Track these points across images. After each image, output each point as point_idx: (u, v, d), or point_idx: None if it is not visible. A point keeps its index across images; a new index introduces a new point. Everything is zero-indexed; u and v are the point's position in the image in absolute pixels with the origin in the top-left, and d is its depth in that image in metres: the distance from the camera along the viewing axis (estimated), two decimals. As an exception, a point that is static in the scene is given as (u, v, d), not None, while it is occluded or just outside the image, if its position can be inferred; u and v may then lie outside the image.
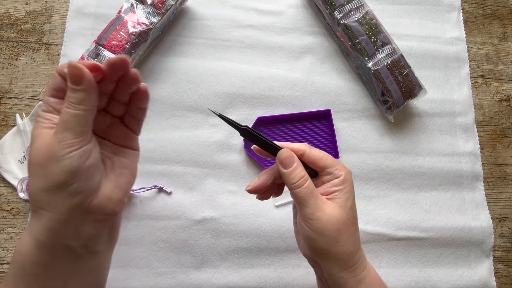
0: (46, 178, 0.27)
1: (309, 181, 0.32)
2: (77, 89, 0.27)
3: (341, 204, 0.32)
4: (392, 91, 0.51)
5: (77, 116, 0.27)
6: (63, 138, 0.27)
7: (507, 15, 0.63)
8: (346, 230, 0.32)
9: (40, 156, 0.27)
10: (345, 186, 0.33)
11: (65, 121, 0.27)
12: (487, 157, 0.57)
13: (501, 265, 0.53)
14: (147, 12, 0.49)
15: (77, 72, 0.26)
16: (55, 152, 0.26)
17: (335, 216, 0.32)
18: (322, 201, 0.32)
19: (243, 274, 0.48)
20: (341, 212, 0.32)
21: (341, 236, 0.32)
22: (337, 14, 0.52)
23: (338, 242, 0.32)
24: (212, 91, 0.53)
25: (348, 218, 0.32)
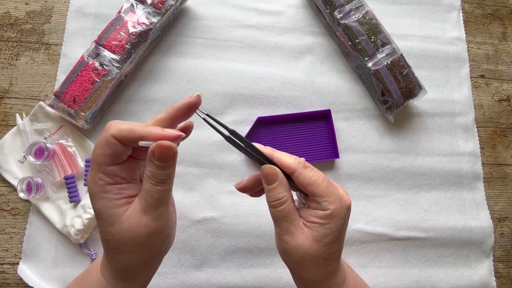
0: (147, 252, 0.28)
1: (286, 204, 0.30)
2: (167, 166, 0.26)
3: (317, 238, 0.29)
4: (392, 91, 0.51)
5: (167, 191, 0.27)
6: (160, 215, 0.27)
7: (507, 15, 0.63)
8: (313, 262, 0.30)
9: (137, 238, 0.27)
10: (329, 222, 0.29)
11: (158, 199, 0.27)
12: (487, 157, 0.57)
13: (501, 265, 0.53)
14: (147, 12, 0.49)
15: (168, 152, 0.26)
16: (155, 229, 0.27)
17: (303, 246, 0.29)
18: (295, 227, 0.30)
19: (243, 274, 0.48)
20: (313, 245, 0.29)
21: (306, 264, 0.30)
22: (337, 14, 0.52)
23: (302, 268, 0.30)
24: (212, 91, 0.53)
25: (319, 253, 0.29)
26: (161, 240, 0.29)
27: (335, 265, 0.31)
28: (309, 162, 0.51)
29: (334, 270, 0.32)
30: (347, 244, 0.50)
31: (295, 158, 0.31)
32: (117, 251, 0.28)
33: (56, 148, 0.48)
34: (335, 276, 0.32)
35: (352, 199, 0.52)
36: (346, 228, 0.31)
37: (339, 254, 0.31)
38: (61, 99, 0.46)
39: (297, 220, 0.30)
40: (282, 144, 0.52)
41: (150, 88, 0.52)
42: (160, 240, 0.28)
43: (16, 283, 0.46)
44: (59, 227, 0.46)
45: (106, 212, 0.27)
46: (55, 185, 0.48)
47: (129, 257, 0.28)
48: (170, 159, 0.26)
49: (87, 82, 0.46)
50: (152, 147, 0.26)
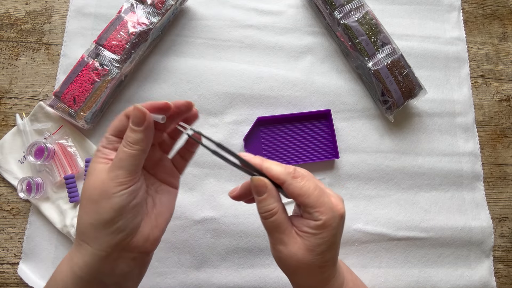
0: (96, 213, 0.28)
1: (276, 216, 0.30)
2: (137, 130, 0.28)
3: (309, 247, 0.29)
4: (392, 91, 0.51)
5: (132, 156, 0.28)
6: (116, 176, 0.28)
7: (507, 15, 0.63)
8: (307, 270, 0.30)
9: (93, 192, 0.28)
10: (321, 232, 0.29)
11: (120, 159, 0.28)
12: (487, 157, 0.57)
13: (501, 265, 0.53)
14: (147, 12, 0.49)
15: (139, 115, 0.28)
16: (108, 189, 0.28)
17: (296, 255, 0.29)
18: (288, 236, 0.29)
19: (243, 274, 0.48)
20: (306, 254, 0.29)
21: (300, 273, 0.30)
22: (337, 14, 0.52)
23: (297, 276, 0.31)
24: (212, 91, 0.53)
25: (312, 261, 0.29)
26: (111, 207, 0.28)
27: (330, 272, 0.31)
28: (309, 162, 0.51)
29: (330, 276, 0.32)
30: (347, 244, 0.50)
31: (285, 168, 0.30)
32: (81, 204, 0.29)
33: (56, 148, 0.48)
34: (332, 281, 0.32)
35: (352, 199, 0.52)
36: (340, 236, 0.31)
37: (334, 262, 0.31)
38: (61, 99, 0.46)
39: (289, 230, 0.30)
40: (282, 144, 0.52)
41: (150, 88, 0.52)
42: (109, 206, 0.28)
43: (16, 283, 0.46)
44: (59, 227, 0.46)
45: (90, 166, 0.30)
46: (55, 185, 0.48)
47: (82, 214, 0.29)
48: (140, 123, 0.28)
49: (87, 82, 0.46)
50: (129, 109, 0.29)
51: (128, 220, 0.29)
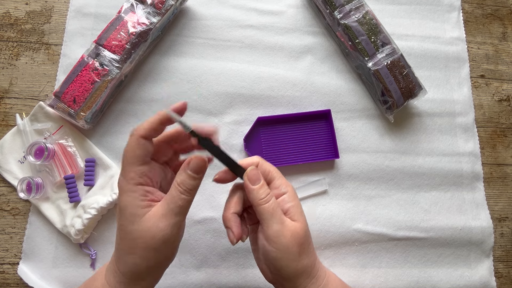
0: (157, 257, 0.29)
1: (273, 199, 0.32)
2: (197, 178, 0.30)
3: (298, 218, 0.33)
4: (392, 91, 0.51)
5: (189, 202, 0.30)
6: (176, 223, 0.29)
7: (507, 15, 0.63)
8: (306, 243, 0.33)
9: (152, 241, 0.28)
10: (295, 200, 0.33)
11: (180, 207, 0.29)
12: (487, 157, 0.57)
13: (501, 265, 0.53)
14: (147, 12, 0.49)
15: (201, 163, 0.30)
16: (169, 238, 0.29)
17: (297, 231, 0.32)
18: (285, 218, 0.32)
19: (243, 274, 0.48)
20: (301, 226, 0.32)
21: (303, 249, 0.33)
22: (337, 14, 0.52)
23: (301, 256, 0.33)
24: (212, 91, 0.53)
25: (306, 230, 0.33)
26: (172, 248, 0.31)
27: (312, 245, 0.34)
28: (309, 162, 0.51)
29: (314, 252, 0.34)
30: (347, 244, 0.50)
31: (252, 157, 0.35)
32: (130, 251, 0.29)
33: (56, 148, 0.48)
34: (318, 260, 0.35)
35: (352, 199, 0.52)
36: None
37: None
38: (61, 99, 0.46)
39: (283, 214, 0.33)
40: (282, 144, 0.52)
41: (150, 88, 0.52)
42: (171, 248, 0.30)
43: (16, 283, 0.46)
44: (59, 227, 0.46)
45: (130, 209, 0.28)
46: (55, 185, 0.48)
47: (139, 261, 0.29)
48: (202, 170, 0.30)
49: (87, 82, 0.46)
50: (190, 158, 0.30)
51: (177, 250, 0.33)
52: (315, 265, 0.34)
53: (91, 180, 0.48)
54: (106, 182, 0.48)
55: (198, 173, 0.30)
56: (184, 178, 0.29)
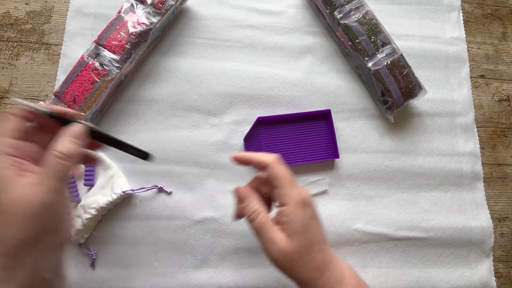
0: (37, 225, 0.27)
1: (262, 215, 0.34)
2: (76, 143, 0.29)
3: (291, 236, 0.32)
4: (392, 91, 0.51)
5: (68, 168, 0.28)
6: (55, 188, 0.27)
7: (507, 15, 0.63)
8: (300, 260, 0.32)
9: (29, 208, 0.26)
10: (292, 218, 0.33)
11: (57, 172, 0.28)
12: (487, 157, 0.57)
13: (501, 265, 0.53)
14: (147, 12, 0.49)
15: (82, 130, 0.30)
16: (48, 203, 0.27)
17: (285, 248, 0.32)
18: (274, 233, 0.33)
19: (243, 274, 0.48)
20: (292, 243, 0.32)
21: (295, 266, 0.32)
22: (337, 14, 0.52)
23: (294, 271, 0.33)
24: (212, 91, 0.53)
25: (300, 247, 0.32)
26: (54, 218, 0.28)
27: (321, 258, 0.33)
28: (309, 162, 0.51)
29: (321, 267, 0.33)
30: (347, 244, 0.50)
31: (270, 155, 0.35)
32: (5, 223, 0.26)
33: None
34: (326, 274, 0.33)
35: (352, 199, 0.52)
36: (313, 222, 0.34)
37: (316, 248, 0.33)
38: (61, 99, 0.46)
39: (274, 228, 0.33)
40: (282, 144, 0.52)
41: (150, 88, 0.52)
42: (52, 217, 0.28)
43: (16, 283, 0.46)
44: (59, 227, 0.46)
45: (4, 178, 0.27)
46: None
47: (17, 232, 0.26)
48: (82, 136, 0.30)
49: (87, 82, 0.46)
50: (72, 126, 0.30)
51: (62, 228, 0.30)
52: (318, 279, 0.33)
53: (91, 180, 0.48)
54: (106, 182, 0.48)
55: (78, 138, 0.30)
56: (62, 143, 0.29)
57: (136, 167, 0.50)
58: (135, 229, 0.48)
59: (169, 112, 0.52)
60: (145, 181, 0.49)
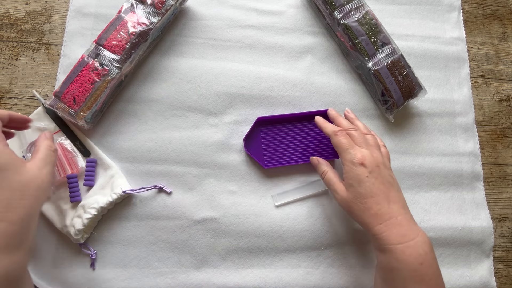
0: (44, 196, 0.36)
1: (328, 174, 0.45)
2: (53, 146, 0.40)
3: (348, 186, 0.41)
4: (392, 91, 0.51)
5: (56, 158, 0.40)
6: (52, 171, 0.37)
7: (507, 15, 0.63)
8: (354, 207, 0.40)
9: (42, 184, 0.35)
10: (347, 173, 0.41)
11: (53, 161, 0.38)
12: (487, 157, 0.57)
13: (501, 265, 0.53)
14: (147, 12, 0.49)
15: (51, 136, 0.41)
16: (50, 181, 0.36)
17: (343, 197, 0.42)
18: (338, 186, 0.43)
19: (243, 274, 0.48)
20: (347, 195, 0.41)
21: (355, 211, 0.41)
22: (337, 14, 0.52)
23: (353, 214, 0.41)
24: (212, 91, 0.53)
25: (352, 199, 0.41)
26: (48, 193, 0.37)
27: (377, 209, 0.39)
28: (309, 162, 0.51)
29: (381, 215, 0.39)
30: (347, 244, 0.50)
31: (332, 127, 0.45)
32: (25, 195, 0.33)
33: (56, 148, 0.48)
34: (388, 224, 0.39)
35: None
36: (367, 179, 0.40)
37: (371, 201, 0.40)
38: (61, 99, 0.46)
39: (338, 183, 0.43)
40: (282, 144, 0.52)
41: (150, 88, 0.52)
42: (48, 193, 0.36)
43: (16, 283, 0.46)
44: (59, 227, 0.46)
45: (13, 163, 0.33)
46: (55, 185, 0.48)
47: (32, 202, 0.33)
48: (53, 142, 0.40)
49: (87, 82, 0.46)
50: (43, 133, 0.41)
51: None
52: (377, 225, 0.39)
53: (91, 181, 0.48)
54: (106, 182, 0.48)
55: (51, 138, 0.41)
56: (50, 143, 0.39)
57: (136, 167, 0.50)
58: (135, 229, 0.48)
59: (169, 112, 0.52)
60: (145, 181, 0.49)
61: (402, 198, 0.42)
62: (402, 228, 0.39)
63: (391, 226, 0.39)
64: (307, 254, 0.49)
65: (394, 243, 0.38)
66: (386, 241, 0.38)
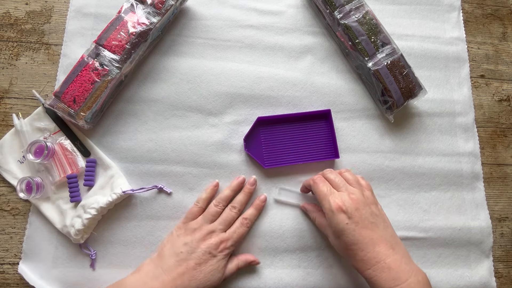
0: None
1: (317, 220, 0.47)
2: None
3: (332, 234, 0.42)
4: (392, 91, 0.51)
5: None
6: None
7: (507, 15, 0.63)
8: (345, 253, 0.41)
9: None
10: (329, 224, 0.41)
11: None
12: (487, 157, 0.57)
13: (501, 265, 0.53)
14: (147, 12, 0.49)
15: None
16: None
17: (332, 242, 0.43)
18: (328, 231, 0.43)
19: (243, 274, 0.48)
20: (335, 240, 0.42)
21: (346, 255, 0.41)
22: (337, 14, 0.52)
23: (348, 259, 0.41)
24: (212, 91, 0.53)
25: (341, 245, 0.41)
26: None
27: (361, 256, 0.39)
28: (309, 162, 0.51)
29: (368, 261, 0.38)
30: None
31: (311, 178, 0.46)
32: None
33: (56, 148, 0.48)
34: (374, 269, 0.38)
35: (352, 199, 0.52)
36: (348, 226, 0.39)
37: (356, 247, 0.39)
38: (61, 99, 0.46)
39: (328, 228, 0.43)
40: (282, 144, 0.52)
41: (150, 88, 0.52)
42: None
43: (16, 283, 0.46)
44: (59, 227, 0.46)
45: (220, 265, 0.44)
46: (55, 184, 0.48)
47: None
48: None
49: (87, 82, 0.46)
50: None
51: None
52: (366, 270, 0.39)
53: (91, 181, 0.48)
54: (106, 182, 0.48)
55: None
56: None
57: (136, 167, 0.50)
58: (135, 229, 0.48)
59: (169, 112, 0.52)
60: (145, 181, 0.49)
61: (389, 235, 0.40)
62: (391, 271, 0.37)
63: (379, 270, 0.38)
64: (307, 254, 0.49)
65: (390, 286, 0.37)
66: (378, 285, 0.37)
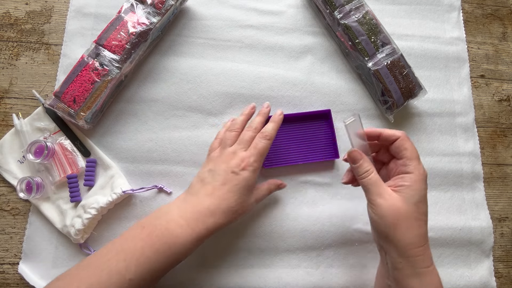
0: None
1: (373, 174, 0.38)
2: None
3: (405, 198, 0.36)
4: (392, 91, 0.51)
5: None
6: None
7: (507, 15, 0.63)
8: (405, 222, 0.35)
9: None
10: (413, 184, 0.36)
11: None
12: (487, 157, 0.57)
13: (501, 265, 0.53)
14: (147, 12, 0.49)
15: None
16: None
17: (395, 205, 0.35)
18: (385, 191, 0.37)
19: (243, 274, 0.48)
20: (403, 205, 0.35)
21: (400, 225, 0.35)
22: (337, 14, 0.52)
23: (397, 230, 0.35)
24: (212, 91, 0.53)
25: (409, 212, 0.35)
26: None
27: (425, 230, 0.36)
28: (309, 162, 0.51)
29: (424, 236, 0.36)
30: (347, 244, 0.50)
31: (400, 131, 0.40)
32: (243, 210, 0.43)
33: (56, 148, 0.48)
34: (426, 246, 0.36)
35: (353, 199, 0.52)
36: (426, 198, 0.37)
37: (426, 218, 0.37)
38: (61, 99, 0.46)
39: (385, 186, 0.37)
40: (282, 144, 0.52)
41: (150, 88, 0.52)
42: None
43: (16, 283, 0.46)
44: (59, 227, 0.46)
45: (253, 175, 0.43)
46: (55, 184, 0.48)
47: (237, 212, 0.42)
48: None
49: (87, 82, 0.46)
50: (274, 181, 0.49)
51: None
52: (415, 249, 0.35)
53: (91, 181, 0.48)
54: (106, 182, 0.48)
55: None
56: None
57: (136, 167, 0.50)
58: (135, 229, 0.48)
59: (169, 112, 0.52)
60: (145, 181, 0.49)
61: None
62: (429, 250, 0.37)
63: (427, 248, 0.37)
64: (307, 254, 0.49)
65: (427, 266, 0.36)
66: (419, 265, 0.35)
